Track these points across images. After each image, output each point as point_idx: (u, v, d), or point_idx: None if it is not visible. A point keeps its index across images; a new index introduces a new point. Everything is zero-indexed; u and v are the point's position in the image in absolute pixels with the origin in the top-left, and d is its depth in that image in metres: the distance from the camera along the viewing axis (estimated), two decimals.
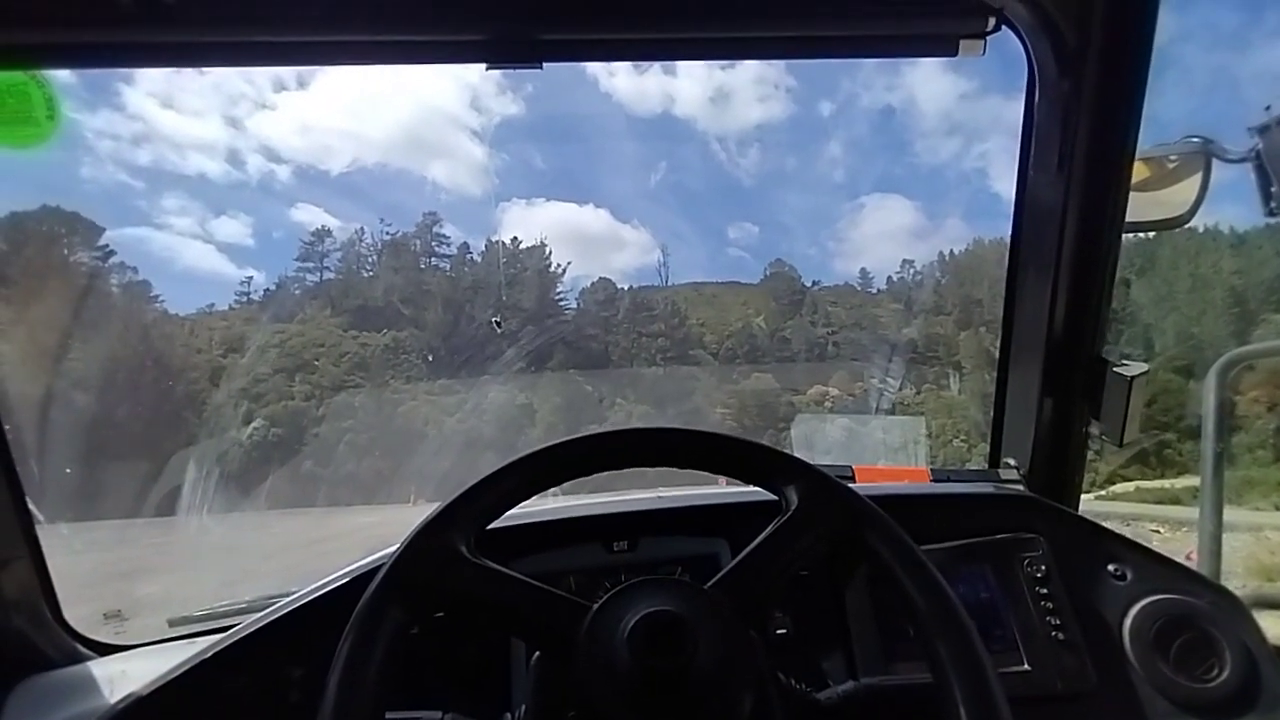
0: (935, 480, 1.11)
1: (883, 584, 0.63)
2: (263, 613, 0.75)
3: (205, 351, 24.62)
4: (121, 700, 0.66)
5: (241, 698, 0.70)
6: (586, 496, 1.00)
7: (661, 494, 0.95)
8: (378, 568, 0.63)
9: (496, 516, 0.64)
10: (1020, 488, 1.08)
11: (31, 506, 0.84)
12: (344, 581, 0.79)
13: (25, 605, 0.84)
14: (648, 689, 0.50)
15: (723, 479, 0.77)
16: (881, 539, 0.65)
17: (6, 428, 0.80)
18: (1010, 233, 1.18)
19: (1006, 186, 1.14)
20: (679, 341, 27.59)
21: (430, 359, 25.40)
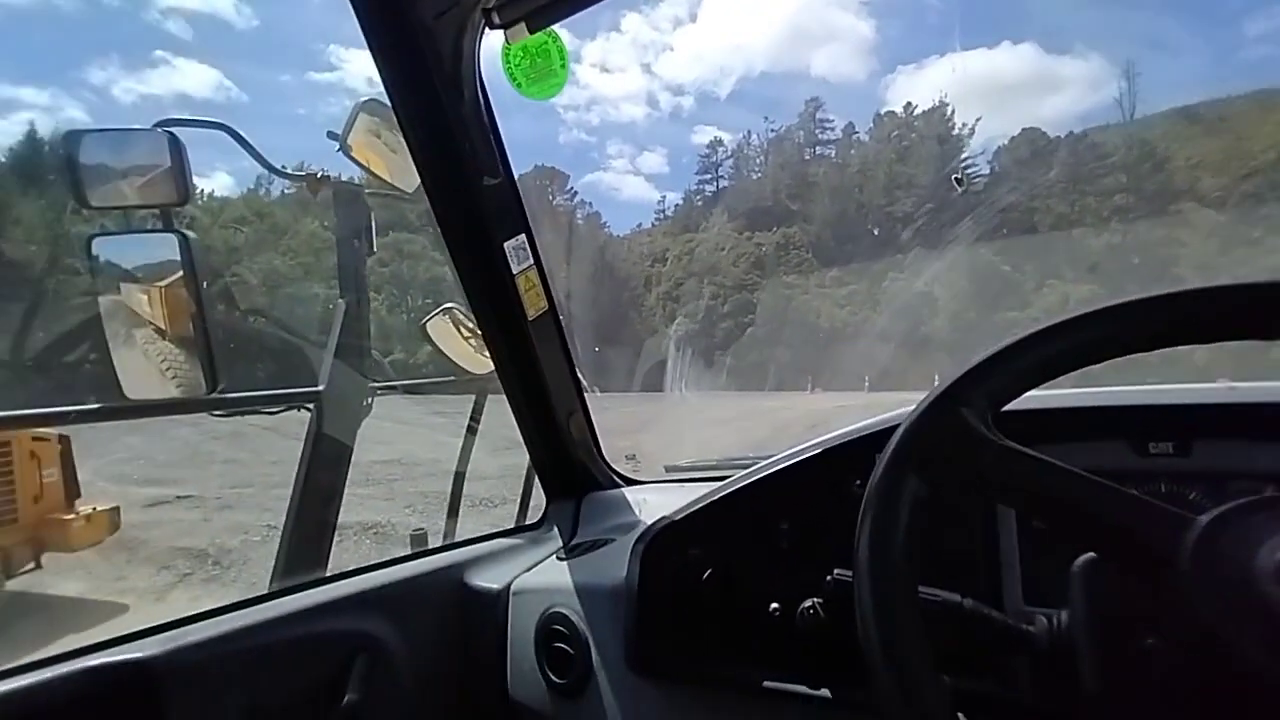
0: None
1: None
2: (749, 471, 0.77)
3: (638, 264, 28.08)
4: (657, 521, 0.76)
5: (741, 536, 0.73)
6: (1106, 385, 0.69)
7: (1234, 386, 0.69)
8: (847, 443, 0.69)
9: (1019, 393, 0.50)
10: None
11: (580, 375, 1.03)
12: (816, 452, 0.73)
13: (583, 444, 1.04)
14: None
15: None
16: None
17: (563, 318, 0.97)
18: None
19: None
20: (1150, 195, 18.72)
21: (819, 252, 23.49)
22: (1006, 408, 0.50)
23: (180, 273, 1.10)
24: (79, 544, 3.87)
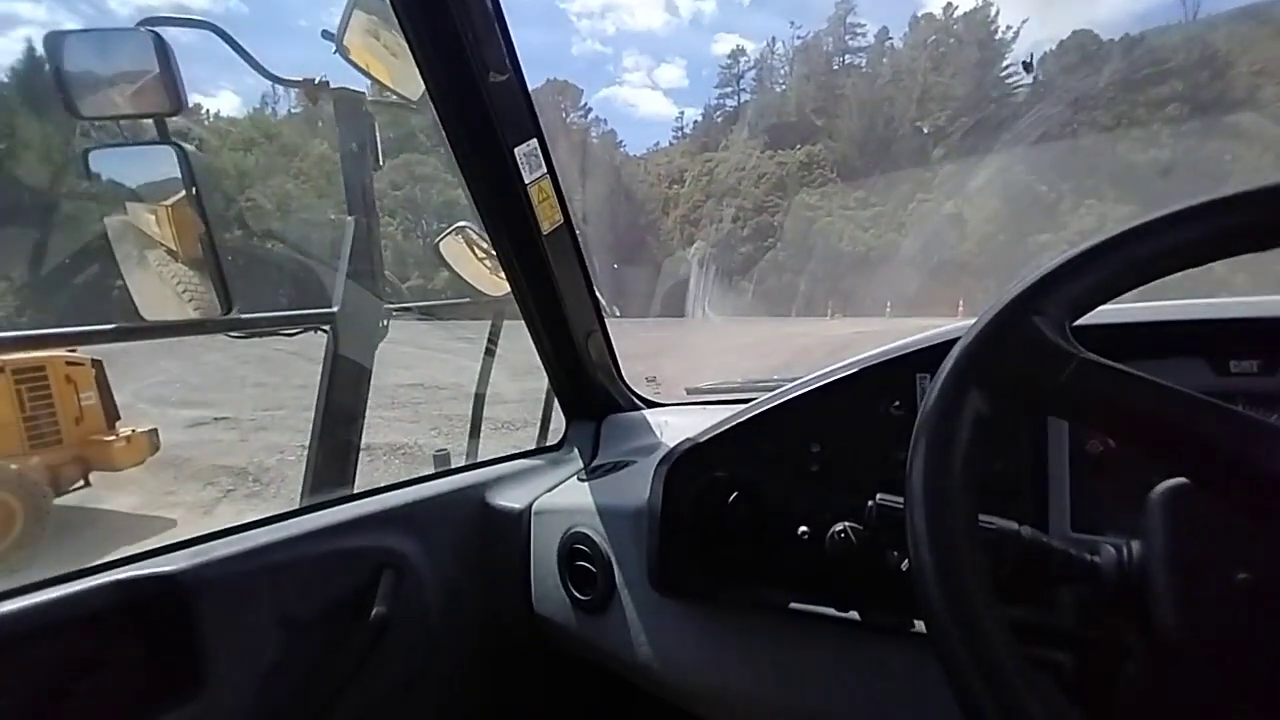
0: None
1: None
2: (775, 392, 0.74)
3: (656, 185, 27.16)
4: (681, 443, 0.74)
5: (768, 458, 0.71)
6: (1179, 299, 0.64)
7: None
8: (880, 364, 0.66)
9: (1102, 301, 0.44)
10: None
11: (598, 294, 1.01)
12: (849, 373, 0.70)
13: (603, 366, 1.02)
14: None
15: None
16: None
17: (580, 236, 0.93)
18: None
19: None
20: (1206, 104, 17.35)
21: (844, 171, 22.44)
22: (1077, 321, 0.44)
23: (182, 192, 1.06)
24: (122, 463, 4.06)
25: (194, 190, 1.00)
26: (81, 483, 3.94)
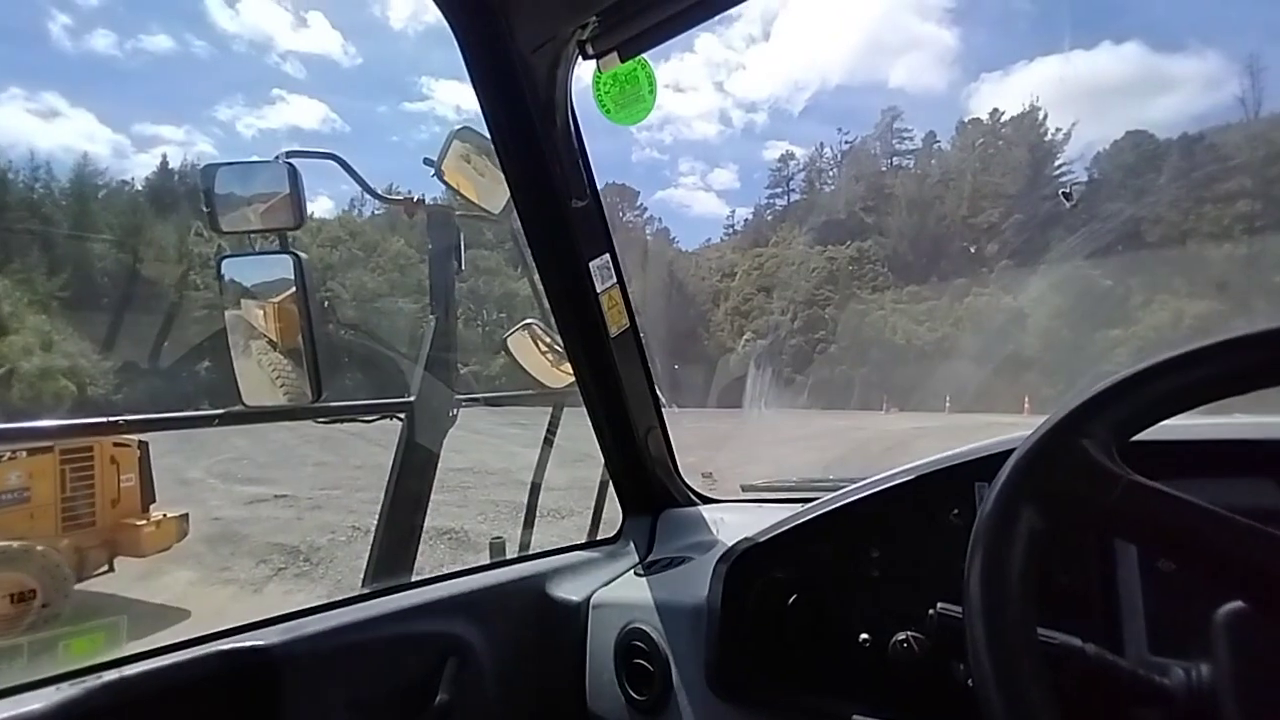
0: None
1: None
2: (835, 494, 0.76)
3: (707, 279, 27.97)
4: (740, 542, 0.75)
5: (829, 561, 0.71)
6: (1247, 416, 0.64)
7: None
8: (938, 470, 0.66)
9: (1149, 424, 0.46)
10: None
11: (659, 392, 1.05)
12: (908, 479, 0.71)
13: (661, 461, 1.04)
14: None
15: None
16: None
17: (642, 335, 1.01)
18: None
19: None
20: (1278, 199, 16.81)
21: (896, 266, 22.58)
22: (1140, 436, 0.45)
23: (291, 290, 1.21)
24: (149, 549, 3.94)
25: (304, 291, 1.15)
26: (105, 568, 3.85)
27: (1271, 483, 0.60)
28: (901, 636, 0.60)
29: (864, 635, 0.65)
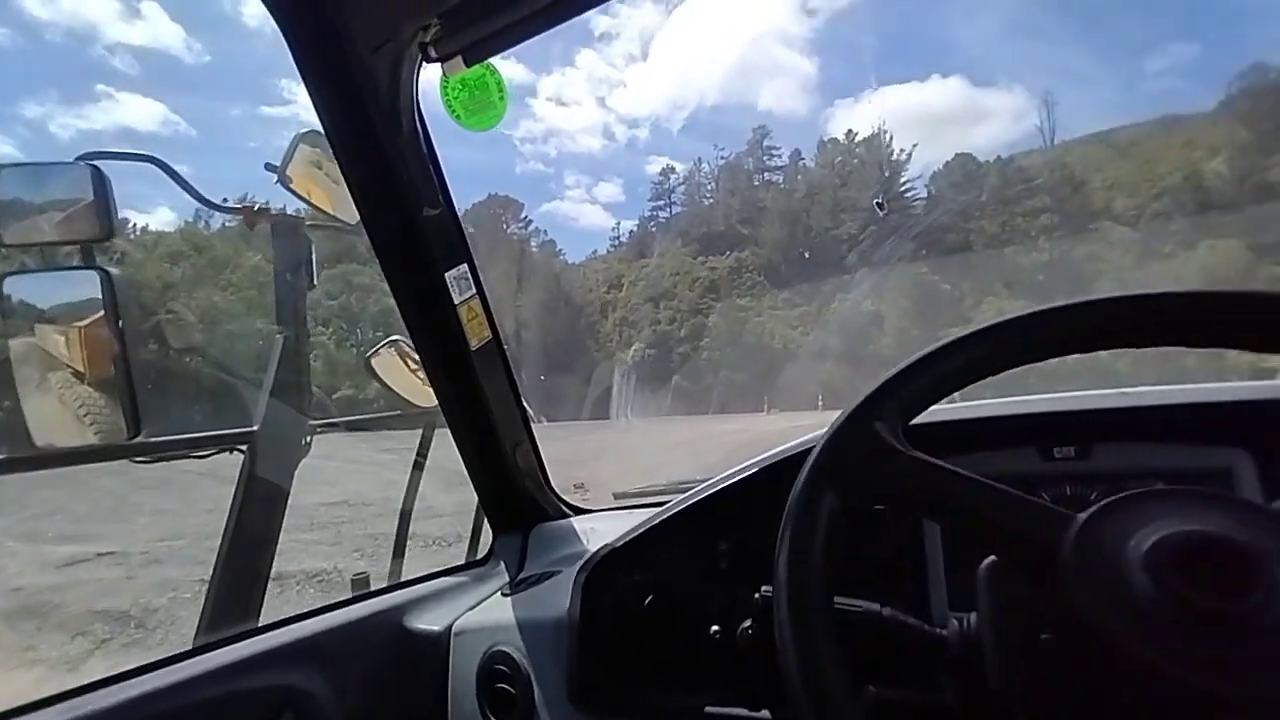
0: None
1: None
2: (689, 493, 0.78)
3: (594, 290, 28.12)
4: (600, 549, 0.77)
5: (682, 560, 0.74)
6: (1014, 395, 0.75)
7: (1126, 392, 0.74)
8: (783, 460, 0.70)
9: (926, 406, 0.52)
10: None
11: (526, 405, 1.03)
12: (753, 471, 0.75)
13: (530, 475, 1.03)
14: (1181, 629, 0.39)
15: None
16: None
17: (506, 349, 0.98)
18: None
19: None
20: (1072, 214, 20.07)
21: (771, 274, 24.09)
22: (923, 420, 0.51)
23: (100, 312, 1.06)
24: None
25: (114, 313, 1.00)
26: None
27: (1034, 450, 0.69)
28: (746, 624, 0.64)
29: (715, 627, 0.68)
